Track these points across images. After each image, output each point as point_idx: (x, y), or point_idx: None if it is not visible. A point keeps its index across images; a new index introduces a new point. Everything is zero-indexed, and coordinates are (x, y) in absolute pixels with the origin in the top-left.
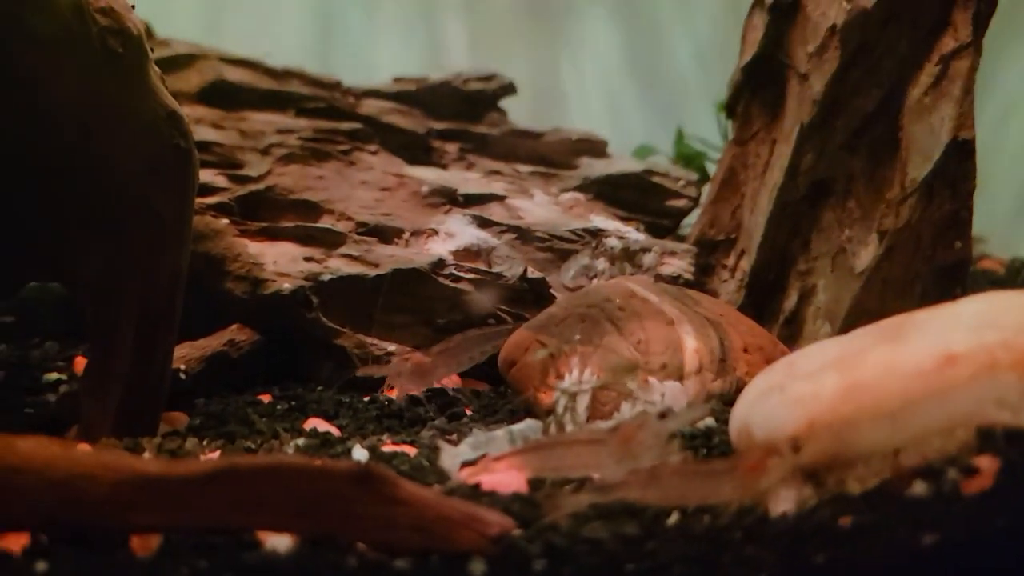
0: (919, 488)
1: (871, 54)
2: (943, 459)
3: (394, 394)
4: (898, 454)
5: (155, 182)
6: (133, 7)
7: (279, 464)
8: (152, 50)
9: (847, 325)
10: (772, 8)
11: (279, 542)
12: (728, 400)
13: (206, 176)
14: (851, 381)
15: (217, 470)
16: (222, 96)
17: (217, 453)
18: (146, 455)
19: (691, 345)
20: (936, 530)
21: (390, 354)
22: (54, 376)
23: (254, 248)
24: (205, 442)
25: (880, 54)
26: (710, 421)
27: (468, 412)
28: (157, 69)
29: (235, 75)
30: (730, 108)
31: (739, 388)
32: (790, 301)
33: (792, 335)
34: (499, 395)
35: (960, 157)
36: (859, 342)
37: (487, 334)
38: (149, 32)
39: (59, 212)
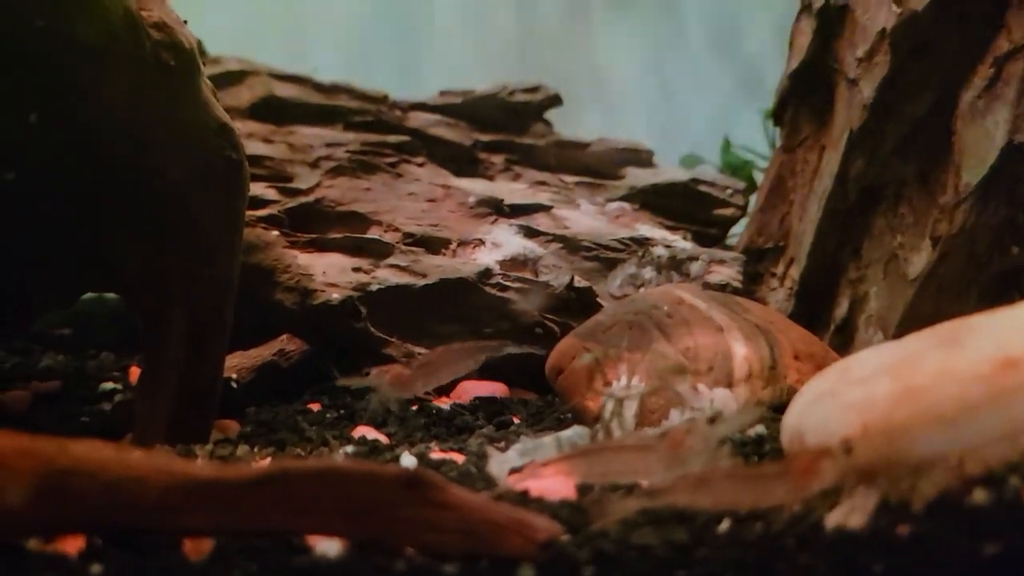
0: (980, 496)
1: (922, 58)
2: (1005, 466)
3: (440, 403)
4: (958, 461)
5: (206, 192)
6: (186, 22)
7: (330, 468)
8: (204, 64)
9: (900, 332)
10: (820, 13)
11: (328, 546)
12: (778, 407)
13: (257, 189)
14: (906, 386)
15: (268, 474)
16: (272, 111)
17: (268, 460)
18: (198, 461)
19: (740, 352)
20: (998, 539)
21: None
22: (109, 386)
23: (304, 259)
24: (256, 449)
25: (931, 58)
26: (761, 428)
27: (516, 420)
28: (208, 82)
29: (285, 90)
30: (778, 115)
31: (790, 395)
32: (841, 309)
33: (844, 343)
34: (547, 403)
35: (1016, 161)
36: (914, 346)
37: (470, 348)
38: (201, 48)
39: (113, 221)
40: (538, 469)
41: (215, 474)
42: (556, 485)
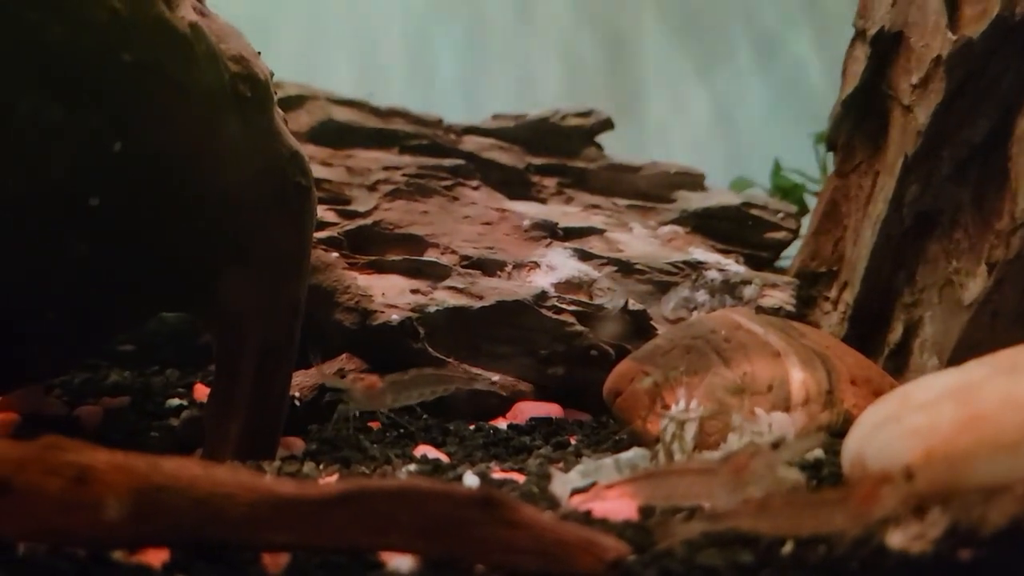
0: None
1: (977, 84)
2: None
3: (497, 423)
4: (1023, 488)
5: (278, 218)
6: (259, 54)
7: (408, 487)
8: (276, 94)
9: (956, 358)
10: (874, 40)
11: (401, 563)
12: (836, 432)
13: (317, 212)
14: (969, 413)
15: (348, 492)
16: (331, 135)
17: (334, 477)
18: (266, 478)
19: (798, 377)
20: None
21: (494, 383)
22: (176, 402)
23: (363, 280)
24: (321, 466)
25: (987, 84)
26: (819, 452)
27: (572, 441)
28: (280, 112)
29: (343, 115)
30: (831, 140)
31: (847, 420)
32: (895, 333)
33: (898, 367)
34: (600, 424)
35: None
36: (975, 373)
37: (440, 376)
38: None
39: (192, 246)
40: (602, 491)
41: (298, 491)
42: (619, 506)
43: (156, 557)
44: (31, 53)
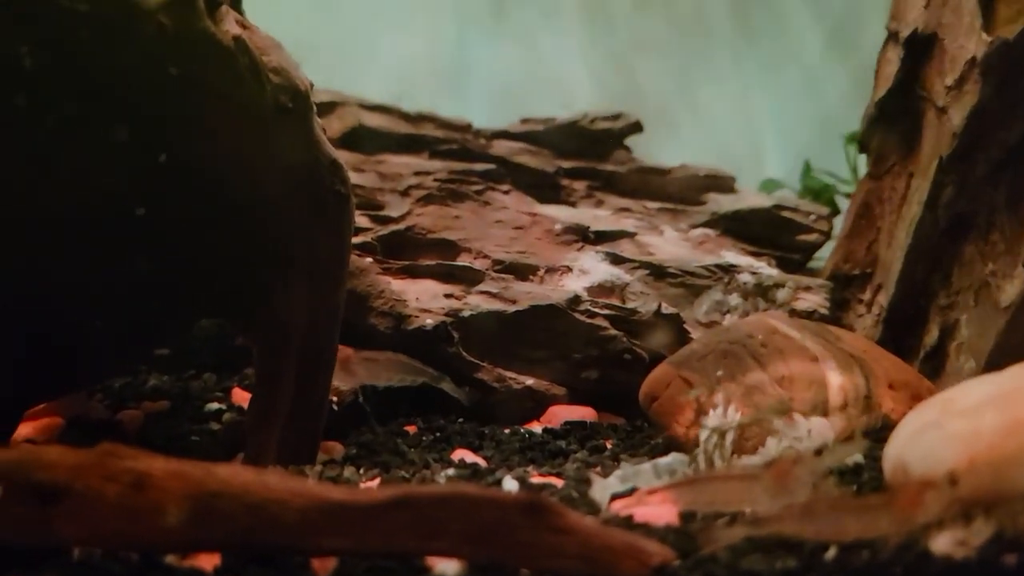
0: None
1: (1014, 85)
2: None
3: (532, 427)
4: None
5: (318, 226)
6: (299, 65)
7: (455, 493)
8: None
9: (993, 361)
10: (907, 42)
11: (447, 567)
12: (875, 436)
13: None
14: (1012, 418)
15: (397, 497)
16: (362, 141)
17: (376, 481)
18: (308, 482)
19: (836, 381)
20: None
21: (528, 387)
22: (215, 406)
23: (397, 285)
24: (362, 471)
25: (1023, 85)
26: (858, 457)
27: (608, 445)
28: (319, 121)
29: (373, 120)
30: (864, 143)
31: (885, 424)
32: (931, 336)
33: (934, 371)
34: (635, 428)
35: None
36: (1018, 379)
37: (411, 366)
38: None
39: (236, 255)
40: (644, 496)
41: (348, 497)
42: (660, 512)
43: (208, 561)
44: (80, 69)
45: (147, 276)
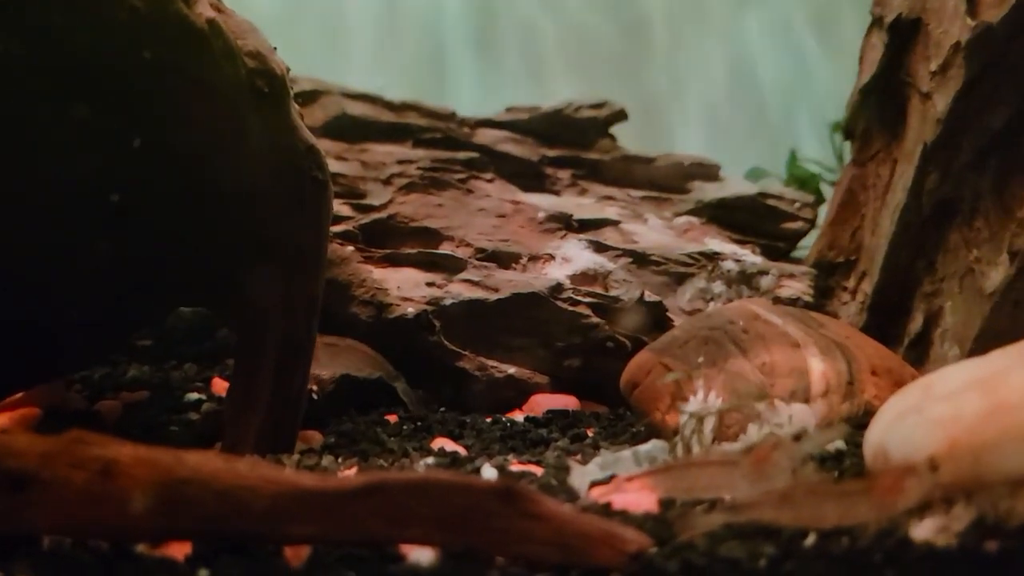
0: None
1: (997, 70)
2: None
3: (514, 415)
4: None
5: (296, 212)
6: (275, 49)
7: (427, 480)
8: (292, 88)
9: (977, 347)
10: (891, 27)
11: (421, 555)
12: (857, 423)
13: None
14: (995, 403)
15: (369, 485)
16: (345, 129)
17: (353, 470)
18: (286, 471)
19: (817, 368)
20: None
21: (510, 376)
22: (194, 396)
23: (378, 274)
24: (340, 460)
25: (1007, 69)
26: (840, 443)
27: (590, 433)
28: (296, 106)
29: (356, 109)
30: (849, 129)
31: (867, 411)
32: (915, 323)
33: (918, 358)
34: (618, 416)
35: None
36: (1000, 363)
37: (374, 359)
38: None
39: (212, 241)
40: (623, 483)
41: (319, 484)
42: (639, 499)
43: (179, 550)
44: (54, 54)
45: (121, 262)
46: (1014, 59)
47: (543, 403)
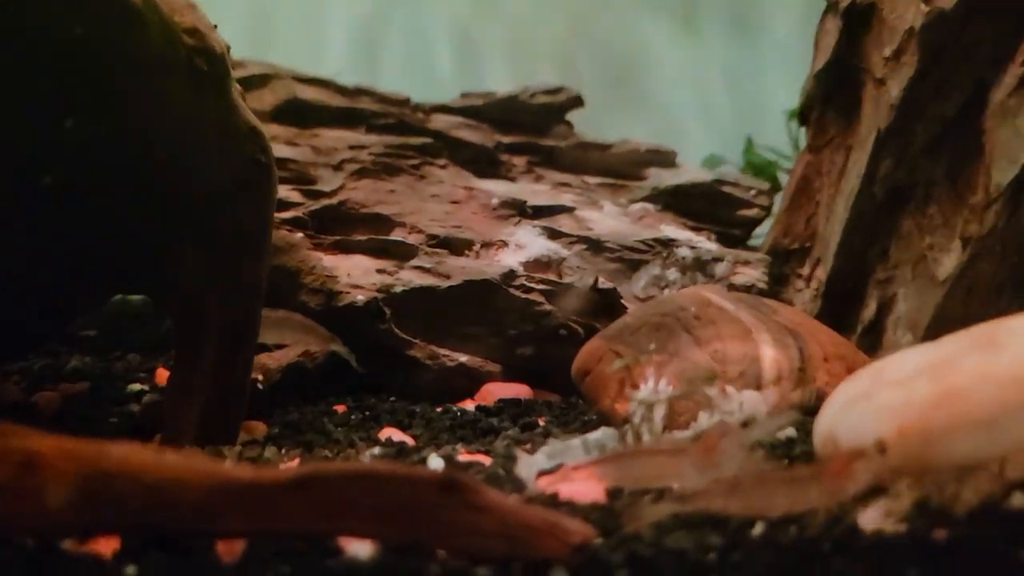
0: (1019, 501)
1: (951, 57)
2: None
3: (465, 405)
4: (999, 465)
5: (238, 196)
6: (215, 27)
7: (364, 471)
8: (233, 68)
9: (930, 334)
10: (846, 12)
11: (360, 548)
12: (808, 410)
13: (282, 191)
14: (944, 388)
15: (305, 476)
16: (295, 114)
17: (296, 462)
18: (226, 463)
19: (769, 354)
20: None
21: (461, 365)
22: (137, 387)
23: (328, 261)
24: (283, 451)
25: (961, 56)
26: (791, 431)
27: (541, 422)
28: (238, 86)
29: (308, 93)
30: (803, 115)
31: (819, 398)
32: (869, 310)
33: (872, 345)
34: (570, 405)
35: None
36: (950, 349)
37: (306, 326)
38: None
39: (149, 225)
40: (569, 472)
41: (252, 477)
42: (586, 489)
43: (108, 546)
44: None
45: (52, 247)
46: (967, 45)
47: (495, 392)
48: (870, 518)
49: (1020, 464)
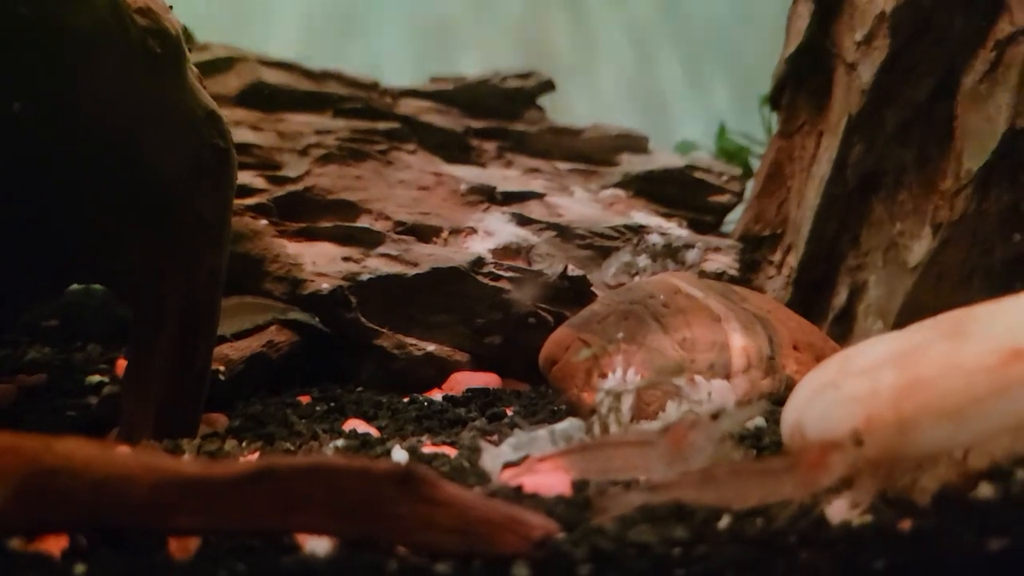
0: (985, 490)
1: (922, 42)
2: (1011, 459)
3: (432, 395)
4: (965, 454)
5: (195, 181)
6: (171, 7)
7: (319, 465)
8: (190, 50)
9: (900, 321)
10: None
11: (318, 545)
12: (778, 399)
13: (245, 177)
14: (911, 377)
15: (256, 471)
16: (261, 98)
17: (256, 455)
18: (185, 456)
19: (738, 342)
20: (1004, 535)
21: (429, 354)
22: (96, 378)
23: (293, 248)
24: (244, 443)
25: (931, 41)
26: (760, 420)
27: (509, 412)
28: (195, 69)
29: (273, 77)
30: (774, 100)
31: (789, 386)
32: (840, 297)
33: (843, 332)
34: (539, 394)
35: (1018, 146)
36: (917, 337)
37: (260, 306)
38: (188, 35)
39: (101, 211)
40: (535, 464)
41: (202, 471)
42: (552, 481)
43: (56, 545)
44: None
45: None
46: (938, 29)
47: (463, 381)
48: (837, 509)
49: (985, 453)
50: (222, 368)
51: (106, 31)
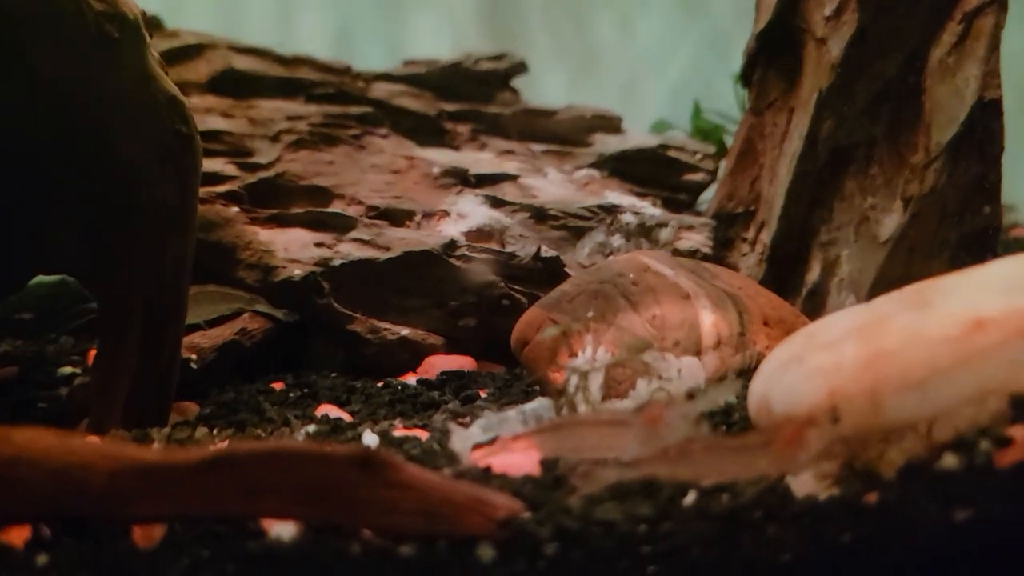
0: (949, 461)
1: (891, 15)
2: (974, 430)
3: (406, 379)
4: (927, 426)
5: (158, 168)
6: None
7: (279, 450)
8: (151, 36)
9: (873, 295)
10: None
11: (282, 530)
12: (749, 375)
13: (216, 165)
14: (874, 350)
15: (215, 457)
16: (231, 85)
17: (227, 442)
18: (155, 445)
19: (708, 319)
20: (968, 505)
21: (403, 338)
22: (68, 370)
23: (265, 235)
24: (215, 431)
25: (900, 15)
26: (730, 397)
27: (482, 394)
28: (156, 55)
29: (244, 63)
30: (746, 77)
31: (759, 363)
32: (813, 273)
33: (816, 308)
34: (514, 376)
35: (987, 119)
36: (881, 310)
37: (227, 295)
38: (156, 22)
39: (61, 201)
40: (508, 443)
41: (162, 458)
42: (521, 461)
43: (19, 536)
44: None
45: None
46: (907, 2)
47: (438, 365)
48: (803, 483)
49: (949, 425)
50: (194, 357)
51: (61, 16)
